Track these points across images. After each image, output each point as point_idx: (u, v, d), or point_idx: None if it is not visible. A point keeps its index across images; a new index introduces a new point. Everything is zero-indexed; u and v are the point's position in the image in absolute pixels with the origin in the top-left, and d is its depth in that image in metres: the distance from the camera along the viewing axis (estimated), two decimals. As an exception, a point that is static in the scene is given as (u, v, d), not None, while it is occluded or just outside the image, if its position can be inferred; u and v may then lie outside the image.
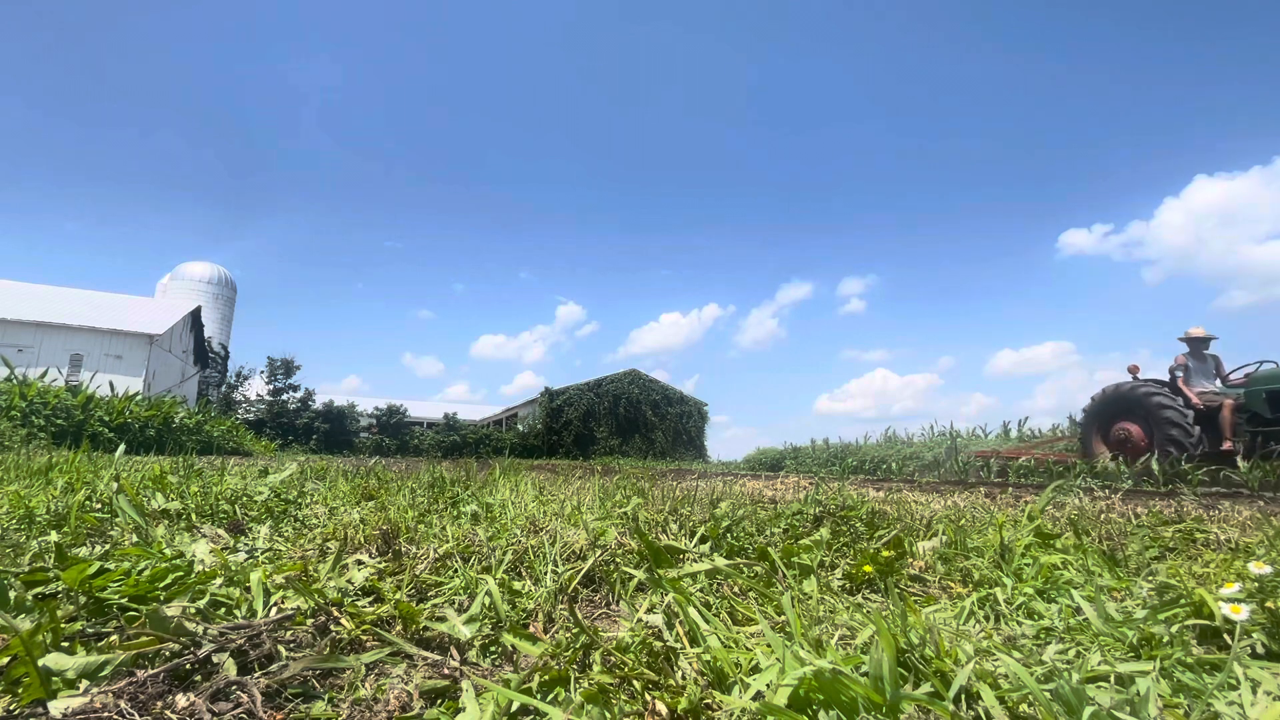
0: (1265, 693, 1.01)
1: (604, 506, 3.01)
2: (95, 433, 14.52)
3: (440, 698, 1.07)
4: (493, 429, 44.73)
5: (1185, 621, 1.33)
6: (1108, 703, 0.94)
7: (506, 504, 3.07)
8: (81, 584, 1.33)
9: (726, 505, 3.11)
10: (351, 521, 2.40)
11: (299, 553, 1.99)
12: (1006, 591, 1.69)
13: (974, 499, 4.70)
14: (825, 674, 0.93)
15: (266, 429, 37.01)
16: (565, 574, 1.79)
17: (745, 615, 1.50)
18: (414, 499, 3.42)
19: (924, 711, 0.95)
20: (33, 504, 2.45)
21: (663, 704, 1.00)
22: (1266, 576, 1.40)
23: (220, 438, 20.04)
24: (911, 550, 2.23)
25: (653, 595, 1.57)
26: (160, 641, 1.13)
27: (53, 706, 0.92)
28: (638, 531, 2.04)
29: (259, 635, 1.19)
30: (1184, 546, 2.37)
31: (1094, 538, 2.45)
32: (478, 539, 2.21)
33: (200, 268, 46.75)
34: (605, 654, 1.19)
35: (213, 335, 44.55)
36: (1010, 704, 0.98)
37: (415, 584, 1.69)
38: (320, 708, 1.02)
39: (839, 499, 3.37)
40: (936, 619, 1.40)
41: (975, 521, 2.93)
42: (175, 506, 2.71)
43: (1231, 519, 3.37)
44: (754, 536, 2.43)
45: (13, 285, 34.01)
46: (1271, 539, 2.13)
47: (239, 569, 1.58)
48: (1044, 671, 1.10)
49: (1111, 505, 3.73)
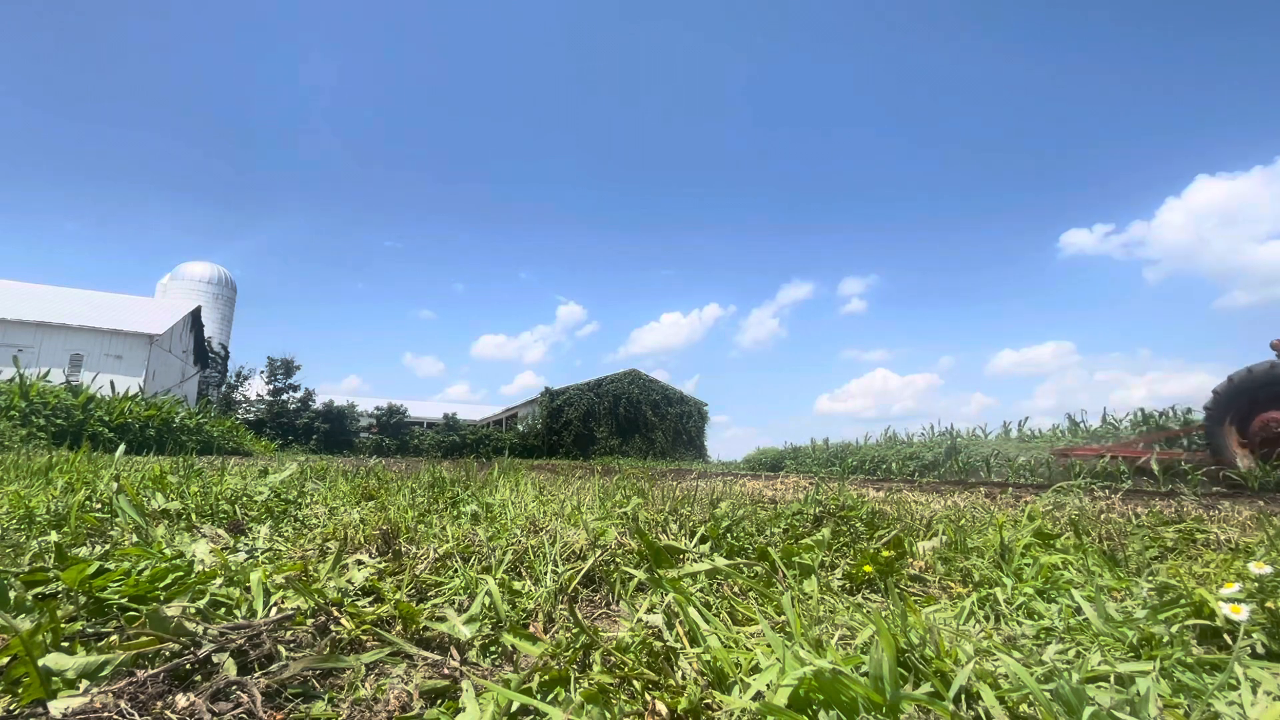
0: (1265, 693, 1.01)
1: (604, 506, 3.01)
2: (95, 433, 14.52)
3: (440, 698, 1.07)
4: (493, 429, 44.75)
5: (1185, 621, 1.33)
6: (1108, 703, 0.94)
7: (506, 504, 3.07)
8: (81, 584, 1.33)
9: (726, 505, 3.11)
10: (351, 521, 2.40)
11: (299, 553, 1.99)
12: (1006, 591, 1.69)
13: (974, 499, 4.70)
14: (825, 674, 0.93)
15: (266, 429, 37.02)
16: (565, 574, 1.79)
17: (745, 615, 1.50)
18: (414, 499, 3.42)
19: (924, 711, 0.95)
20: (33, 504, 2.45)
21: (663, 704, 1.00)
22: (1266, 576, 1.40)
23: (220, 438, 20.05)
24: (911, 550, 2.23)
25: (653, 595, 1.57)
26: (160, 641, 1.13)
27: (53, 706, 0.92)
28: (638, 531, 2.04)
29: (259, 635, 1.19)
30: (1184, 546, 2.37)
31: (1094, 538, 2.45)
32: (478, 539, 2.21)
33: (200, 268, 46.76)
34: (605, 654, 1.19)
35: (213, 335, 44.55)
36: (1010, 704, 0.98)
37: (415, 584, 1.69)
38: (320, 708, 1.02)
39: (839, 499, 3.37)
40: (936, 619, 1.40)
41: (975, 522, 2.93)
42: (175, 506, 2.71)
43: (1231, 519, 3.37)
44: (754, 536, 2.43)
45: (13, 285, 34.02)
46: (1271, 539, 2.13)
47: (239, 569, 1.58)
48: (1044, 671, 1.10)
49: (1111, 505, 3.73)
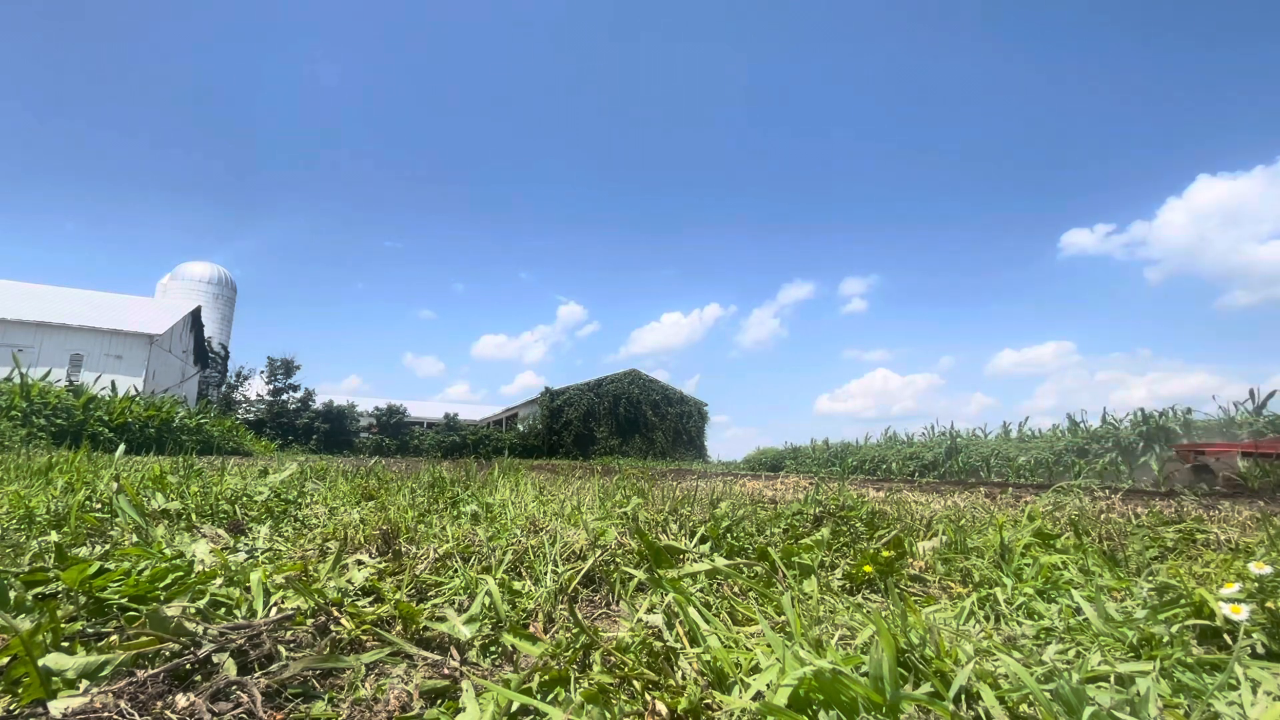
0: (1265, 693, 1.01)
1: (604, 506, 3.01)
2: (95, 433, 14.53)
3: (440, 698, 1.07)
4: (493, 429, 44.75)
5: (1185, 621, 1.33)
6: (1108, 703, 0.94)
7: (506, 504, 3.07)
8: (81, 584, 1.33)
9: (726, 505, 3.11)
10: (351, 521, 2.40)
11: (299, 553, 1.99)
12: (1006, 592, 1.70)
13: (974, 499, 4.70)
14: (825, 674, 0.92)
15: (266, 429, 37.02)
16: (565, 574, 1.79)
17: (745, 615, 1.50)
18: (414, 499, 3.42)
19: (924, 711, 0.95)
20: (33, 504, 2.45)
21: (663, 704, 1.00)
22: (1266, 577, 1.40)
23: (220, 438, 20.05)
24: (911, 550, 2.23)
25: (653, 595, 1.56)
26: (160, 641, 1.13)
27: (53, 706, 0.92)
28: (638, 531, 2.04)
29: (259, 635, 1.19)
30: (1184, 547, 2.37)
31: (1094, 538, 2.45)
32: (478, 539, 2.21)
33: (200, 268, 46.74)
34: (605, 654, 1.19)
35: (213, 335, 44.53)
36: (1010, 704, 0.98)
37: (415, 584, 1.69)
38: (320, 708, 1.02)
39: (839, 499, 3.37)
40: (936, 619, 1.40)
41: (975, 522, 2.93)
42: (175, 506, 2.71)
43: (1231, 519, 3.37)
44: (754, 536, 2.43)
45: (13, 285, 34.01)
46: (1272, 539, 2.13)
47: (239, 569, 1.58)
48: (1044, 671, 1.10)
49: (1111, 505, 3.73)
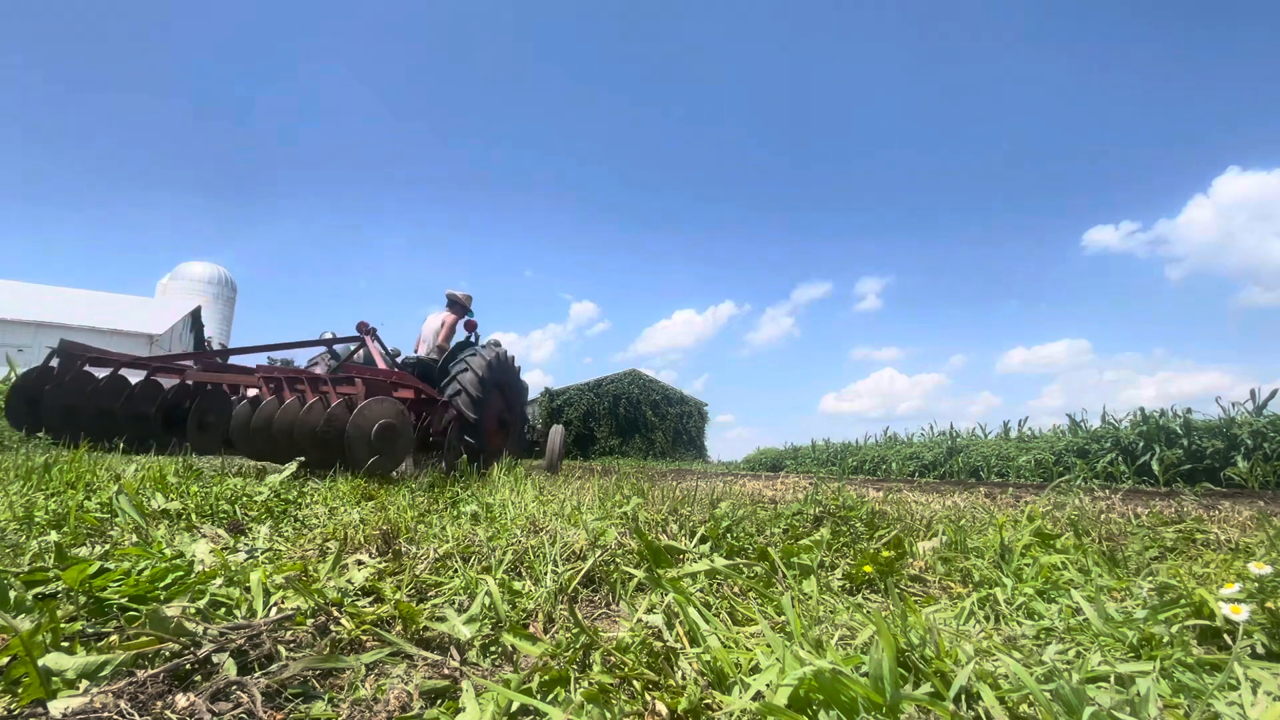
0: (1265, 693, 1.01)
1: (604, 506, 3.01)
2: (95, 433, 14.51)
3: (440, 698, 1.07)
4: (493, 429, 44.65)
5: (1185, 622, 1.33)
6: (1108, 703, 0.94)
7: (506, 504, 3.07)
8: (81, 584, 1.33)
9: (726, 505, 3.11)
10: (351, 521, 2.40)
11: (299, 553, 1.99)
12: (1006, 592, 1.70)
13: (974, 499, 4.70)
14: (825, 674, 0.92)
15: (266, 429, 36.89)
16: (565, 574, 1.79)
17: (745, 615, 1.50)
18: (414, 499, 3.42)
19: (924, 712, 0.95)
20: (33, 504, 2.45)
21: (663, 704, 1.00)
22: (1266, 577, 1.40)
23: (220, 438, 20.02)
24: (911, 550, 2.23)
25: (653, 595, 1.56)
26: (160, 641, 1.13)
27: (52, 706, 0.92)
28: (638, 531, 2.04)
29: (259, 635, 1.19)
30: (1184, 546, 2.37)
31: (1094, 538, 2.45)
32: (478, 539, 2.21)
33: (200, 268, 46.68)
34: (605, 654, 1.19)
35: (213, 335, 44.45)
36: (1010, 704, 0.98)
37: (415, 584, 1.69)
38: (320, 708, 1.02)
39: (839, 499, 3.37)
40: (936, 619, 1.40)
41: (975, 522, 2.93)
42: (175, 506, 2.71)
43: (1231, 519, 3.37)
44: (754, 536, 2.43)
45: (13, 285, 33.99)
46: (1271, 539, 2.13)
47: (239, 569, 1.58)
48: (1044, 672, 1.10)
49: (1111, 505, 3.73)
